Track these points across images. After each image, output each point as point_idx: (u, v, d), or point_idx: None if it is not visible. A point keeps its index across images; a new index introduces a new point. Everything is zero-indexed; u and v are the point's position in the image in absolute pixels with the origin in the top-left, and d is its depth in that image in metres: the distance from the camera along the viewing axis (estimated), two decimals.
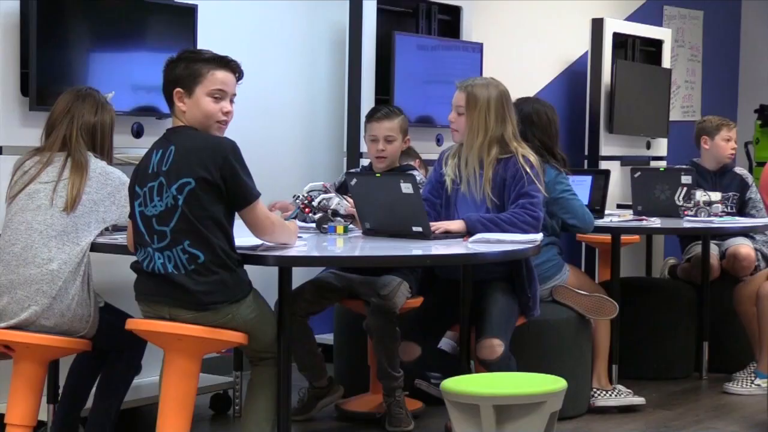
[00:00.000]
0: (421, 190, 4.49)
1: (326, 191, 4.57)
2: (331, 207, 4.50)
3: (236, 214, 3.65)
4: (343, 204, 4.52)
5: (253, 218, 3.64)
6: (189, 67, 3.65)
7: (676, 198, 5.72)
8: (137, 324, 3.71)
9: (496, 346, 4.28)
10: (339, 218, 4.48)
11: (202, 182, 3.53)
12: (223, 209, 3.58)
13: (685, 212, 5.67)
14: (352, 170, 5.30)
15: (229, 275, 3.59)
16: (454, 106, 4.48)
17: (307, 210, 4.54)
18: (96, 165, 3.95)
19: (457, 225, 4.32)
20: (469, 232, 4.27)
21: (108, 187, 3.94)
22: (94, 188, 3.91)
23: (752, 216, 6.14)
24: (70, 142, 3.95)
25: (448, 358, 4.80)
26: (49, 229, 3.85)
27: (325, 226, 4.45)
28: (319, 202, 4.52)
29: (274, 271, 3.79)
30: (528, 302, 4.46)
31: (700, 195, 5.66)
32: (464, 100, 4.42)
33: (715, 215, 5.62)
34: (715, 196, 5.68)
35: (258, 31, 5.93)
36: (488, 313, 4.37)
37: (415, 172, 4.81)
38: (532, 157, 4.41)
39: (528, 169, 4.36)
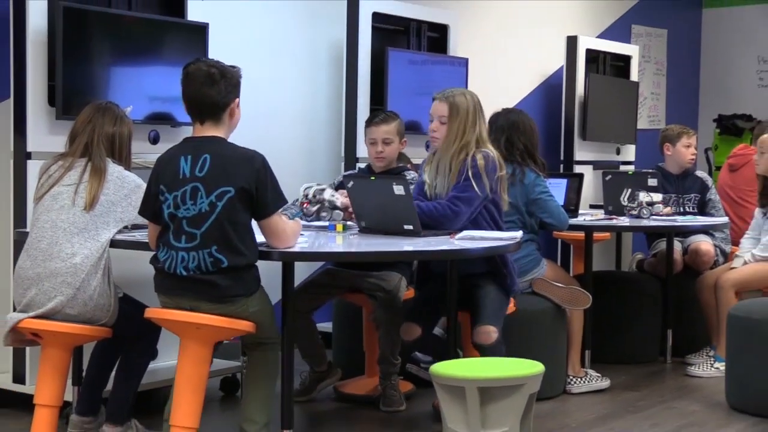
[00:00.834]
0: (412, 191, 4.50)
1: (318, 185, 4.59)
2: (327, 198, 4.50)
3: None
4: (337, 196, 4.51)
5: (269, 228, 3.63)
6: (238, 79, 3.67)
7: (621, 199, 5.70)
8: (156, 313, 3.70)
9: (492, 333, 4.28)
10: (338, 210, 4.47)
11: (241, 191, 3.52)
12: (249, 216, 3.59)
13: (629, 211, 5.67)
14: (348, 172, 5.29)
15: (246, 272, 3.60)
16: (437, 117, 4.42)
17: (306, 203, 4.54)
18: (113, 169, 3.94)
19: None
20: None
21: (124, 189, 3.93)
22: (112, 190, 3.91)
23: (712, 215, 6.15)
24: (91, 149, 3.94)
25: (441, 342, 4.79)
26: (72, 227, 3.85)
27: (324, 213, 4.45)
28: (314, 194, 4.53)
29: (274, 265, 3.79)
30: (506, 280, 4.43)
31: (643, 196, 5.65)
32: (447, 110, 4.40)
33: (657, 214, 5.62)
34: (657, 197, 5.67)
35: (264, 47, 5.93)
36: (483, 304, 4.37)
37: (410, 172, 4.81)
38: (479, 155, 4.30)
39: (470, 168, 4.28)
